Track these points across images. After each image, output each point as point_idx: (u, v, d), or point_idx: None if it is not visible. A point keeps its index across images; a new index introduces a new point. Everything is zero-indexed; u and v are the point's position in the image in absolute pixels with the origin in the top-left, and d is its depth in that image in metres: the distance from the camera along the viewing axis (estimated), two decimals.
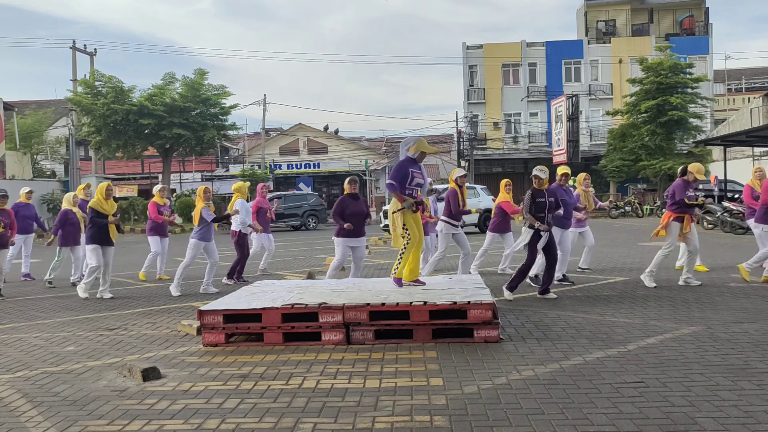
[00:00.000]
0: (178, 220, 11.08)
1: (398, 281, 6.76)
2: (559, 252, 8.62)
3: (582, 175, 10.31)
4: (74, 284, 10.64)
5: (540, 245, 7.77)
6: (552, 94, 39.58)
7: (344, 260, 8.62)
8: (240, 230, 10.50)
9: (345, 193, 8.55)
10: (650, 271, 8.65)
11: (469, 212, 9.62)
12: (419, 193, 6.87)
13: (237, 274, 10.41)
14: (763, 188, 9.03)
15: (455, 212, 9.23)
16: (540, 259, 8.82)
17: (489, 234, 10.59)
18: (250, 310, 5.87)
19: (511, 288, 7.80)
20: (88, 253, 9.10)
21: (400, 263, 6.79)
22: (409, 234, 6.75)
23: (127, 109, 30.40)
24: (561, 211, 8.20)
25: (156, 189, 11.56)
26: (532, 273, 8.89)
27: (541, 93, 41.85)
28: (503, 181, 10.78)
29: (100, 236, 8.98)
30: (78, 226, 10.55)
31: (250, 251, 11.22)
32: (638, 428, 3.54)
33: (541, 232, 7.71)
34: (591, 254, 10.57)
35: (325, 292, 6.62)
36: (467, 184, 10.58)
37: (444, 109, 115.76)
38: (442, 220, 9.37)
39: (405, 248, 6.76)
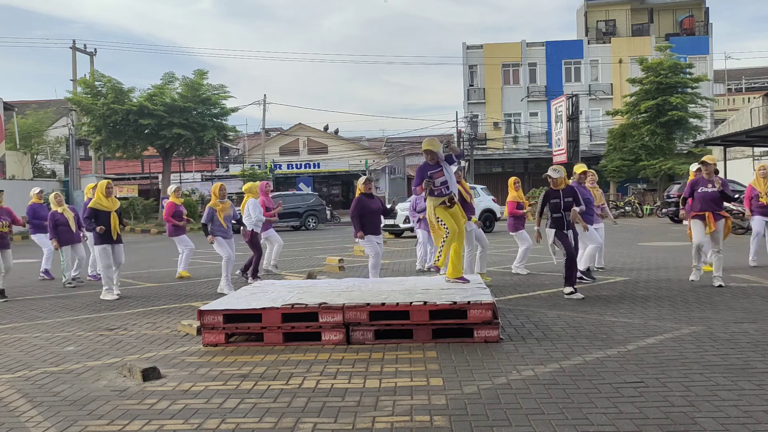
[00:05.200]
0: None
1: (437, 269, 7.16)
2: (588, 246, 8.76)
3: (588, 172, 10.23)
4: (73, 280, 10.71)
5: (570, 239, 7.77)
6: (552, 94, 39.58)
7: (378, 253, 8.64)
8: (252, 229, 10.53)
9: (359, 193, 8.57)
10: (716, 276, 8.30)
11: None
12: (450, 191, 7.02)
13: (252, 272, 10.41)
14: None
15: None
16: (584, 251, 8.87)
17: (514, 234, 10.36)
18: (250, 310, 5.88)
19: (571, 284, 7.74)
20: (97, 255, 9.14)
21: (440, 254, 7.02)
22: (446, 226, 6.92)
23: (127, 109, 30.38)
24: (583, 207, 8.04)
25: (171, 189, 11.62)
26: (582, 267, 8.84)
27: (541, 93, 41.85)
28: (511, 179, 10.69)
29: (105, 236, 8.96)
30: (67, 224, 10.62)
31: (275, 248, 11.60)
32: (638, 428, 3.54)
33: (565, 230, 7.75)
34: (599, 254, 10.04)
35: (325, 292, 6.62)
36: (467, 184, 10.54)
37: (444, 109, 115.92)
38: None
39: (444, 240, 6.95)
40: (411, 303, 5.73)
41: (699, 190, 8.32)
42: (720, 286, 8.15)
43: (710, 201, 8.22)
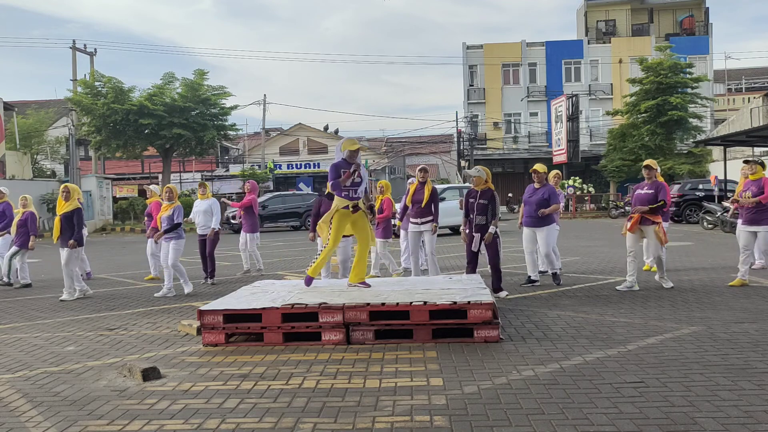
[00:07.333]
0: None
1: (308, 280, 6.89)
2: (539, 249, 8.78)
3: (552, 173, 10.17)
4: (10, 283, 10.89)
5: (473, 247, 7.92)
6: (552, 94, 39.58)
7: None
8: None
9: (327, 192, 8.56)
10: (631, 273, 8.34)
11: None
12: (362, 193, 6.99)
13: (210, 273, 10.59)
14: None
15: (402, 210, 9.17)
16: (527, 257, 8.88)
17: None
18: (250, 310, 5.87)
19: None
20: None
21: (313, 263, 6.98)
22: (330, 236, 6.84)
23: (127, 109, 30.39)
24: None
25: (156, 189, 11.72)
26: (529, 273, 8.88)
27: (541, 93, 41.85)
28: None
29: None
30: (20, 225, 10.83)
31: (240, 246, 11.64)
32: (638, 428, 3.54)
33: (473, 232, 7.91)
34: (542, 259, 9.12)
35: (325, 292, 6.62)
36: (467, 184, 10.52)
37: (444, 109, 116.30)
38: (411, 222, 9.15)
39: (322, 250, 6.93)
40: (411, 303, 5.73)
41: (636, 192, 8.34)
42: (634, 289, 8.19)
43: (641, 203, 8.16)
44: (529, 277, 8.92)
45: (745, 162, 8.72)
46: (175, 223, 9.21)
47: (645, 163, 8.46)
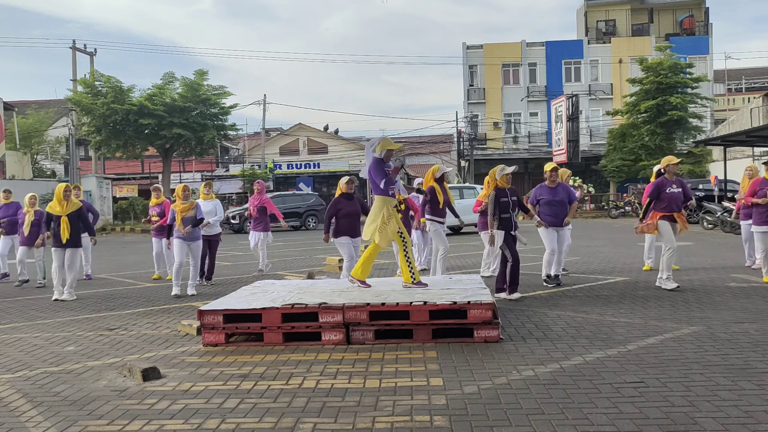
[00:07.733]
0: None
1: (419, 284, 6.68)
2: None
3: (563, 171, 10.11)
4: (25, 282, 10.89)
5: (521, 242, 7.94)
6: (552, 94, 39.56)
7: (353, 256, 8.32)
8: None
9: (340, 192, 8.42)
10: (667, 276, 8.30)
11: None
12: (398, 193, 6.99)
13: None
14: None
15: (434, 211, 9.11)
16: (554, 257, 8.80)
17: (482, 234, 9.76)
18: (250, 310, 5.87)
19: (512, 291, 7.79)
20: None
21: (410, 268, 6.72)
22: (403, 235, 6.78)
23: (127, 109, 30.40)
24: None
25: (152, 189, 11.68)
26: (550, 272, 8.83)
27: (541, 93, 41.82)
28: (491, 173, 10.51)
29: (55, 239, 9.13)
30: (34, 225, 10.79)
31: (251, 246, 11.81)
32: (638, 428, 3.54)
33: (513, 231, 7.85)
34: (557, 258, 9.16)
35: (325, 292, 6.62)
36: (467, 184, 10.50)
37: (444, 109, 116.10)
38: (429, 220, 9.13)
39: (406, 250, 6.77)
40: (411, 303, 5.73)
41: (667, 191, 8.29)
42: (642, 283, 8.32)
43: (678, 201, 8.27)
44: (551, 275, 8.88)
45: (765, 164, 8.92)
46: (199, 218, 9.34)
47: (676, 161, 8.41)
